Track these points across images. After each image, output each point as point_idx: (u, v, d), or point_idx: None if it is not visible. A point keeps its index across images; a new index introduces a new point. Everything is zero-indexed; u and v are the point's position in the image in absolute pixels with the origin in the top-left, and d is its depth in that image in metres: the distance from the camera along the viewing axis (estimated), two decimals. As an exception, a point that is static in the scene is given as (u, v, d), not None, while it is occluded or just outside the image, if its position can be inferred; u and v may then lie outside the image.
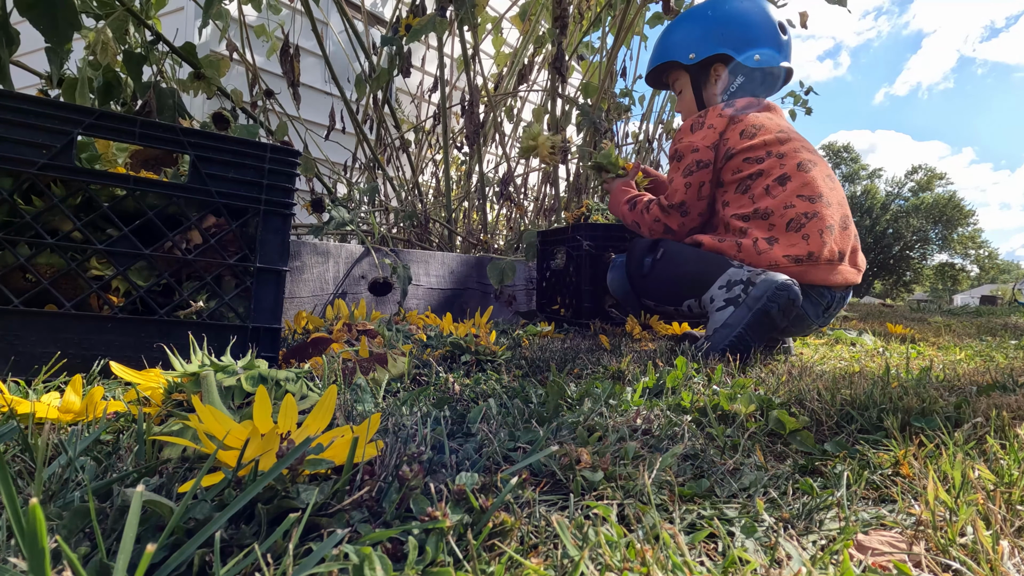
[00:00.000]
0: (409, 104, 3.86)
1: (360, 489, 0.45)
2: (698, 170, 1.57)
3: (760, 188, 1.50)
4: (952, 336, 2.22)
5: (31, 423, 0.57)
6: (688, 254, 1.54)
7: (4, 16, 1.22)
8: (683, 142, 1.60)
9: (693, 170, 1.57)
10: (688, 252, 1.55)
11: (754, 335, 1.34)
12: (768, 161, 1.51)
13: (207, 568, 0.38)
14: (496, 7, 3.89)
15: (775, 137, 1.53)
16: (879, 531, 0.48)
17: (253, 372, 0.74)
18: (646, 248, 1.63)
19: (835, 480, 0.59)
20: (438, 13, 2.22)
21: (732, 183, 1.55)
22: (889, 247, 36.14)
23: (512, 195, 3.15)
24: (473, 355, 1.23)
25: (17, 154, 0.91)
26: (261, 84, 2.65)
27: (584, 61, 3.59)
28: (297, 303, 1.89)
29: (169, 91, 1.64)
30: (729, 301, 1.39)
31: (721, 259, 1.46)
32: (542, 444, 0.61)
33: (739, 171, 1.54)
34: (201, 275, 1.06)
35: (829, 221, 1.45)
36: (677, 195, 1.59)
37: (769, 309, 1.32)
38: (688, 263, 1.52)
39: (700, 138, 1.58)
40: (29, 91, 1.17)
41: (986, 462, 0.62)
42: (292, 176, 1.12)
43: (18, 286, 0.95)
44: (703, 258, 1.50)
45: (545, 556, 0.42)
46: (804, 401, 0.86)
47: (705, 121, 1.60)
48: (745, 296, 1.36)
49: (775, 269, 1.41)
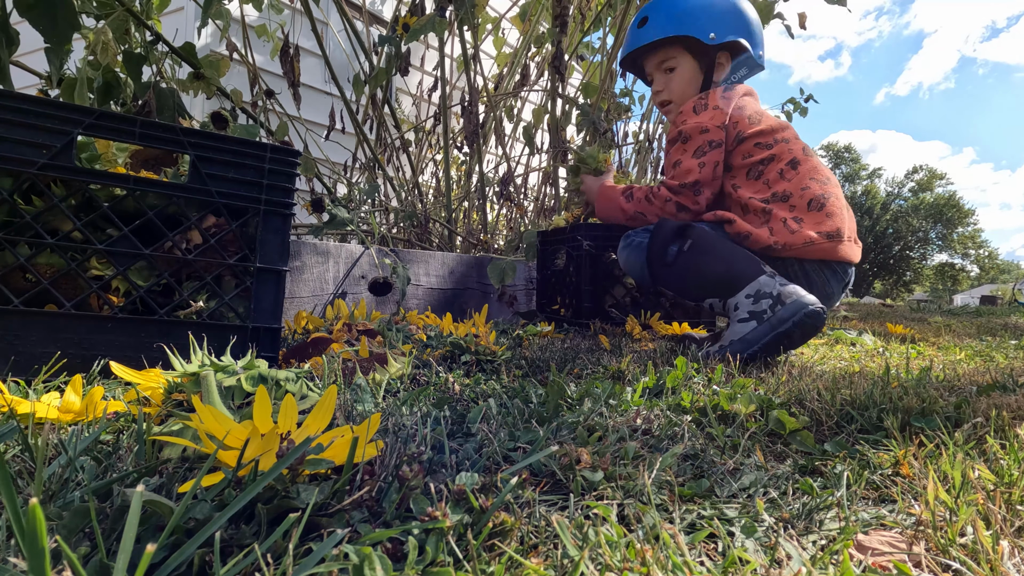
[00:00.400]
0: (410, 106, 3.86)
1: (360, 489, 0.45)
2: (711, 150, 1.53)
3: (774, 172, 1.50)
4: (952, 336, 2.22)
5: (31, 423, 0.57)
6: (720, 250, 1.42)
7: (4, 16, 1.22)
8: (688, 123, 1.55)
9: (706, 150, 1.53)
10: (720, 247, 1.42)
11: (770, 352, 1.32)
12: (778, 146, 1.51)
13: (207, 568, 0.38)
14: (496, 7, 3.89)
15: (777, 123, 1.55)
16: (879, 531, 0.48)
17: (253, 372, 0.74)
18: (672, 233, 1.48)
19: (835, 480, 0.59)
20: (438, 13, 2.22)
21: (743, 167, 1.53)
22: (889, 247, 36.15)
23: (512, 195, 3.15)
24: (473, 355, 1.23)
25: (17, 154, 0.91)
26: (261, 84, 2.65)
27: (584, 61, 3.59)
28: (297, 303, 1.89)
29: (169, 91, 1.64)
30: (754, 315, 1.33)
31: (754, 262, 1.38)
32: (542, 444, 0.61)
33: (750, 155, 1.52)
34: (201, 275, 1.06)
35: (841, 202, 1.48)
36: (690, 175, 1.53)
37: (791, 332, 1.28)
38: (718, 261, 1.41)
39: (708, 119, 1.54)
40: (29, 91, 1.17)
41: (986, 462, 0.62)
42: (292, 176, 1.12)
43: (18, 286, 0.95)
44: (735, 257, 1.40)
45: (545, 556, 0.42)
46: (804, 401, 0.86)
47: (709, 103, 1.56)
48: (771, 314, 1.30)
49: (811, 246, 1.41)
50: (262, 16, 3.03)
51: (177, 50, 1.76)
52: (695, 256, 1.43)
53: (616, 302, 2.13)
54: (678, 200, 1.55)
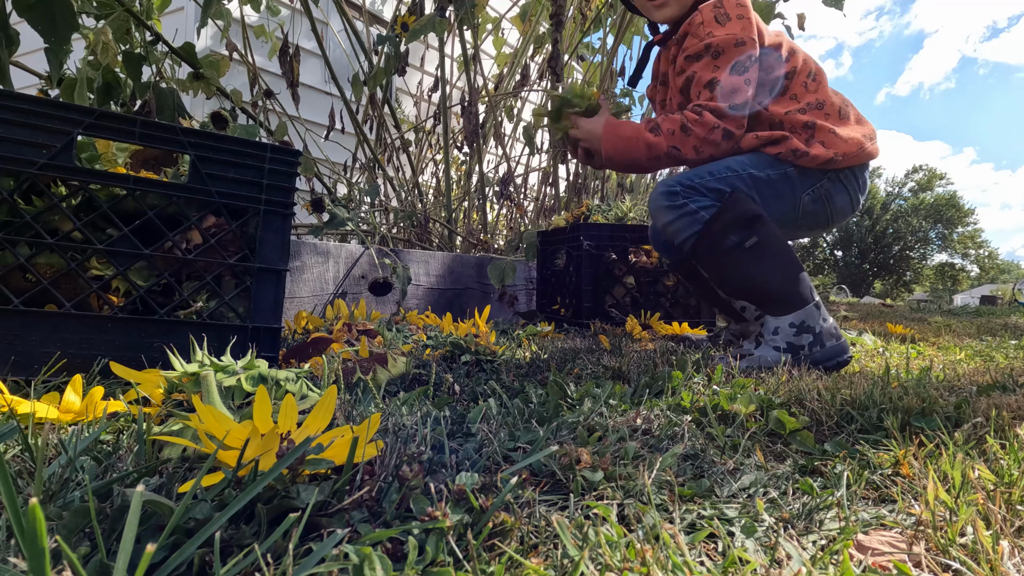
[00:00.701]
0: (411, 106, 3.86)
1: (360, 489, 0.45)
2: (751, 65, 1.34)
3: (799, 85, 1.41)
4: (952, 336, 2.22)
5: (31, 423, 0.57)
6: (783, 260, 1.31)
7: (4, 17, 1.22)
8: (717, 36, 1.34)
9: (747, 65, 1.34)
10: (784, 257, 1.31)
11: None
12: (792, 59, 1.42)
13: (207, 568, 0.38)
14: (496, 7, 3.89)
15: (783, 35, 1.46)
16: (879, 531, 0.48)
17: (253, 372, 0.74)
18: (741, 222, 1.31)
19: (835, 480, 0.59)
20: (438, 13, 2.22)
21: (766, 83, 1.40)
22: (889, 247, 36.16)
23: (512, 195, 3.15)
24: (473, 355, 1.23)
25: (17, 154, 0.91)
26: (261, 84, 2.65)
27: (584, 61, 3.59)
28: (297, 303, 1.89)
29: (169, 91, 1.64)
30: (791, 348, 1.28)
31: (807, 286, 1.31)
32: (542, 444, 0.61)
33: (772, 70, 1.39)
34: (201, 275, 1.06)
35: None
36: (738, 95, 1.33)
37: (817, 368, 1.24)
38: (777, 272, 1.30)
39: (740, 29, 1.34)
40: (29, 91, 1.17)
41: (986, 462, 0.62)
42: (292, 176, 1.12)
43: (18, 286, 0.95)
44: (794, 274, 1.30)
45: (545, 556, 0.42)
46: (804, 401, 0.86)
47: (731, 12, 1.36)
48: (808, 353, 1.27)
49: (861, 149, 1.37)
50: (261, 17, 3.03)
51: (177, 50, 1.76)
52: (755, 257, 1.30)
53: (616, 302, 2.13)
54: (725, 126, 1.33)
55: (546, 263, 2.44)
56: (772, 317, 1.32)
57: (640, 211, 2.48)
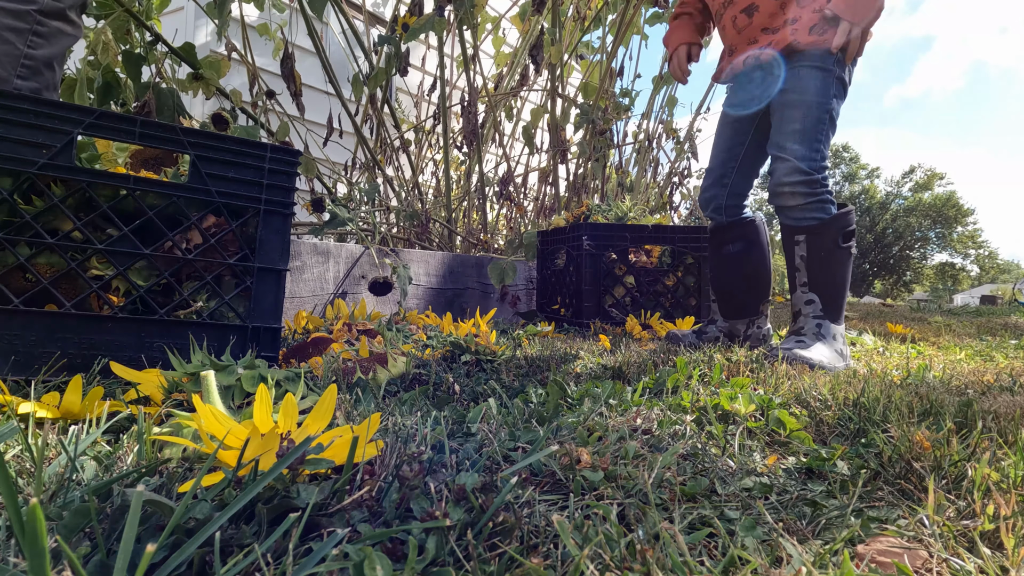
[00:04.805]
0: (412, 107, 3.86)
1: (360, 489, 0.45)
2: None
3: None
4: (952, 336, 2.22)
5: (31, 423, 0.57)
6: (849, 268, 1.49)
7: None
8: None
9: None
10: (849, 266, 1.49)
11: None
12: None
13: (207, 568, 0.37)
14: (496, 7, 3.89)
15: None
16: (880, 532, 0.48)
17: (253, 372, 0.74)
18: (851, 232, 1.46)
19: (836, 480, 0.59)
20: (437, 13, 2.22)
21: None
22: (889, 247, 36.15)
23: (512, 195, 3.15)
24: (473, 355, 1.23)
25: (17, 154, 0.91)
26: (261, 84, 2.65)
27: (584, 61, 3.59)
28: (297, 303, 1.89)
29: (169, 91, 1.64)
30: (842, 355, 1.40)
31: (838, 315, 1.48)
32: (542, 444, 0.61)
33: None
34: (201, 275, 1.06)
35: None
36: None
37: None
38: (848, 285, 1.48)
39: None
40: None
41: (989, 462, 0.62)
42: (292, 176, 1.12)
43: (18, 286, 0.95)
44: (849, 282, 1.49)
45: (545, 556, 0.42)
46: (804, 401, 0.86)
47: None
48: (845, 354, 1.42)
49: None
50: (262, 16, 3.03)
51: (177, 50, 1.76)
52: (849, 264, 1.46)
53: (616, 302, 2.13)
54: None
55: (546, 263, 2.44)
56: (832, 323, 1.44)
57: (640, 211, 2.48)
